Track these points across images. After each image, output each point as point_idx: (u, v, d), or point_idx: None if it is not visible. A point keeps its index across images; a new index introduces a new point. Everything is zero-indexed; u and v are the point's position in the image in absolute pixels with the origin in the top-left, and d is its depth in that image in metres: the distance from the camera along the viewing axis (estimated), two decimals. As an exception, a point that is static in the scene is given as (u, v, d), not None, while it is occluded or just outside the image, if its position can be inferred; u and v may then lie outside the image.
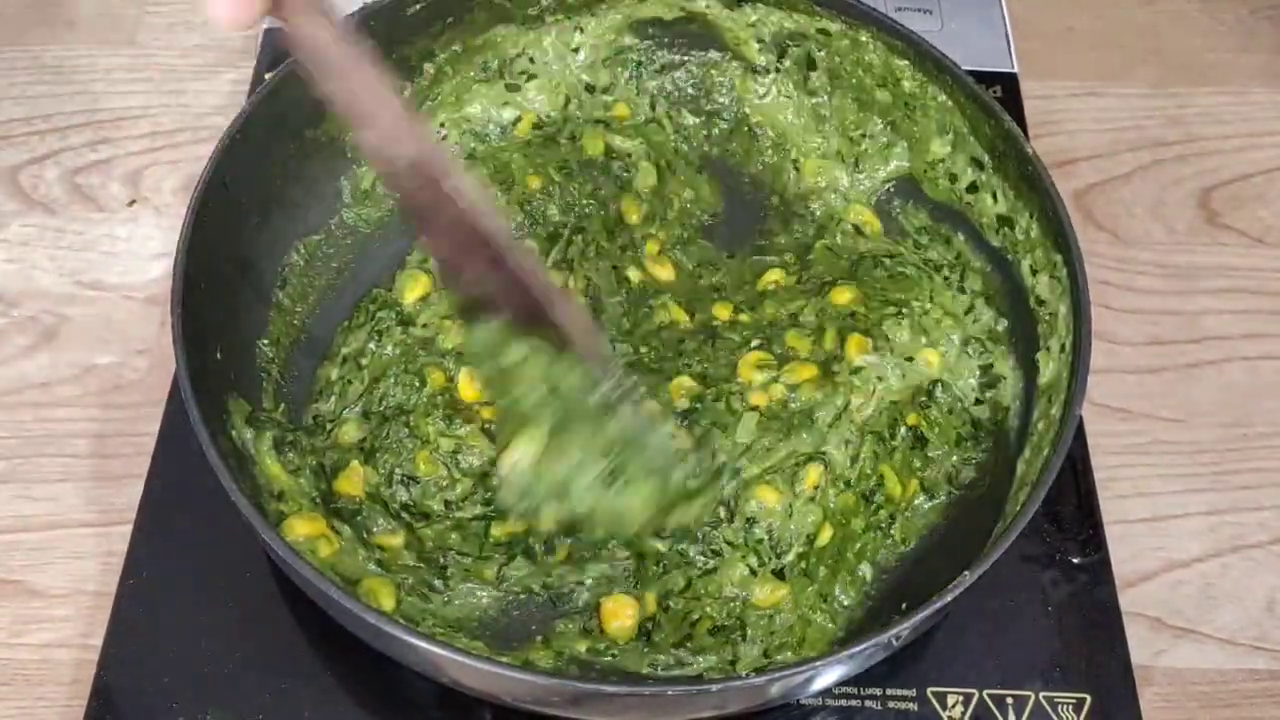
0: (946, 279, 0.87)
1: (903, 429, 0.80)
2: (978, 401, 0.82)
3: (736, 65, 0.95)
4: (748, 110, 0.95)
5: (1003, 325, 0.84)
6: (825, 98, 0.92)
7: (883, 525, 0.78)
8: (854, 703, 0.74)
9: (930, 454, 0.80)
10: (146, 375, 0.88)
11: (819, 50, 0.91)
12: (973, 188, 0.86)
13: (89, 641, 0.77)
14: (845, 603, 0.76)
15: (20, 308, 0.91)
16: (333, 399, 0.81)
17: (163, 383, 0.85)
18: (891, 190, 0.92)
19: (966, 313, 0.85)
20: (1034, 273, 0.82)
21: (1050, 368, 0.78)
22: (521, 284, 0.66)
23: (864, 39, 0.88)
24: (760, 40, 0.93)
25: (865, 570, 0.77)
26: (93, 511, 0.82)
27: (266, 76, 0.80)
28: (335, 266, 0.88)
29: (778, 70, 0.94)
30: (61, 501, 0.83)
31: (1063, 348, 0.77)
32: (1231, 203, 1.02)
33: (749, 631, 0.74)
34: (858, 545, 0.77)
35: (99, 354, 0.89)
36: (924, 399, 0.81)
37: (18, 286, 0.92)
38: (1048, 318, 0.80)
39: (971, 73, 0.84)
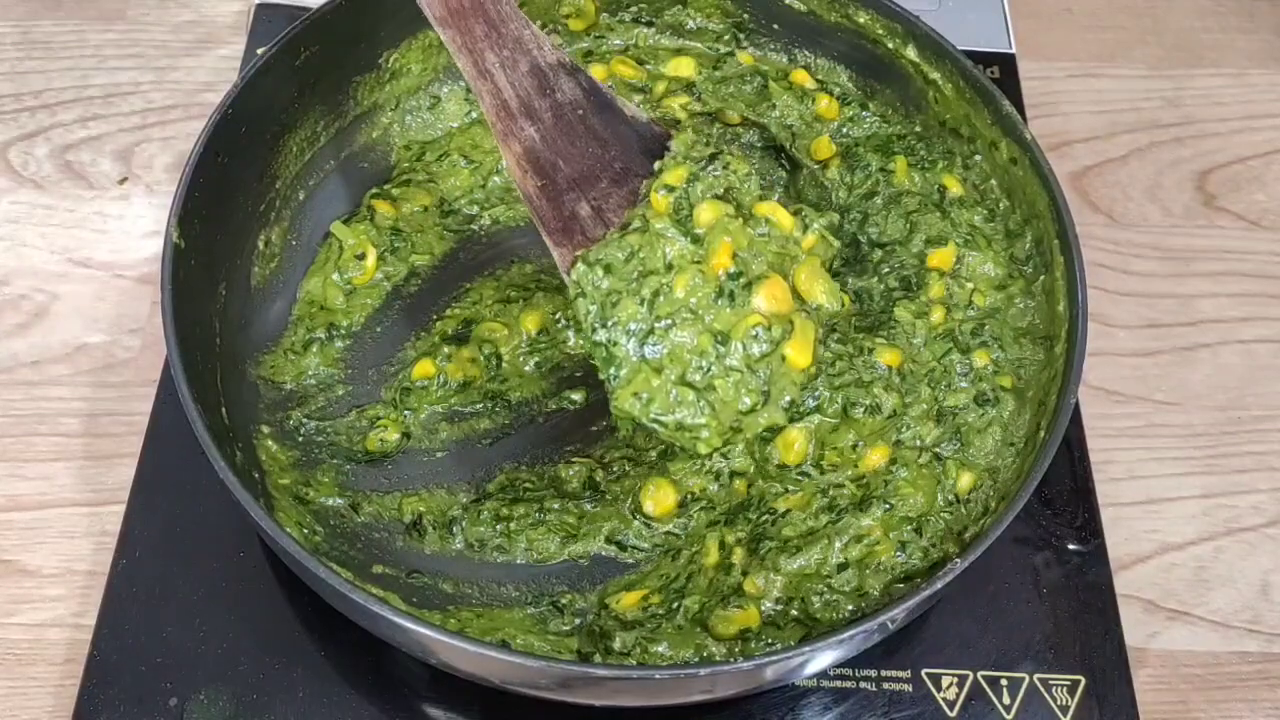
0: None
1: None
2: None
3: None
4: None
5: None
6: None
7: None
8: (848, 684, 0.75)
9: None
10: (138, 354, 0.87)
11: None
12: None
13: (81, 621, 0.77)
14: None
15: (10, 286, 0.91)
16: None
17: (155, 362, 0.85)
18: None
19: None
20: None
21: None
22: None
23: (862, 21, 0.87)
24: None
25: None
26: (85, 491, 0.82)
27: (258, 52, 0.80)
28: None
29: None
30: (53, 481, 0.82)
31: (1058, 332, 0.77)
32: (1228, 185, 1.02)
33: None
34: None
35: (90, 333, 0.89)
36: None
37: (8, 264, 0.92)
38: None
39: (969, 53, 0.83)
